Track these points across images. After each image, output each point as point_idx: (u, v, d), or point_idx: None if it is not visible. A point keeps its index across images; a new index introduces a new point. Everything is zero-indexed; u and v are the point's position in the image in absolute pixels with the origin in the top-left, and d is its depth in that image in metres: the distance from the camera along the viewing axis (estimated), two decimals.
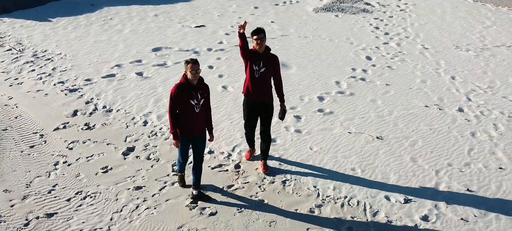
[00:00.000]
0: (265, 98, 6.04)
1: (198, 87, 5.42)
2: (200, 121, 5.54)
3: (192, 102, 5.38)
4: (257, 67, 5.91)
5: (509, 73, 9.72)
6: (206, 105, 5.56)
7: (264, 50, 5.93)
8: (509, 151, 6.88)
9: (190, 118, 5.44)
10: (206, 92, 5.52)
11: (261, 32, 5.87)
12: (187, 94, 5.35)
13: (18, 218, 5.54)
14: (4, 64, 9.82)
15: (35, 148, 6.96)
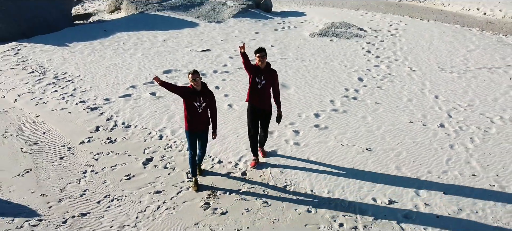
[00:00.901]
0: (265, 106, 7.22)
1: (202, 93, 6.62)
2: (202, 119, 6.72)
3: (196, 104, 6.60)
4: (259, 79, 7.07)
5: (487, 93, 10.71)
6: (210, 107, 6.74)
7: (265, 66, 7.06)
8: (482, 161, 7.82)
9: (194, 116, 6.65)
10: (208, 98, 6.69)
11: (262, 50, 7.04)
12: (192, 97, 6.56)
13: (57, 217, 6.43)
14: (28, 86, 10.79)
15: (65, 159, 7.88)
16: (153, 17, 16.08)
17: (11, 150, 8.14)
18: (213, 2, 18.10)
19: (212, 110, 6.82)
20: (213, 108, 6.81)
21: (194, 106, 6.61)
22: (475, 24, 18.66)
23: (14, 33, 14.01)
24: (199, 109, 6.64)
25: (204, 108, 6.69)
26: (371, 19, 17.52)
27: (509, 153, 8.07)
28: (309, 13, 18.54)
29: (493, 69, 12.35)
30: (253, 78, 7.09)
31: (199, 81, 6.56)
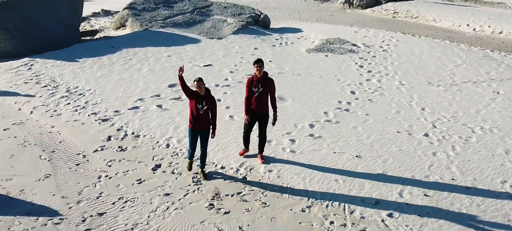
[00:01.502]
0: (262, 110, 8.19)
1: (205, 97, 7.68)
2: (203, 120, 7.75)
3: (198, 106, 7.64)
4: (256, 89, 8.09)
5: (471, 105, 11.51)
6: (211, 110, 7.75)
7: (262, 75, 8.06)
8: (461, 167, 8.58)
9: (196, 116, 7.69)
10: (210, 102, 7.73)
11: (259, 61, 8.09)
12: (197, 99, 7.63)
13: (76, 216, 7.16)
14: (42, 99, 11.57)
15: (80, 166, 8.63)
16: (157, 33, 16.92)
17: (31, 157, 8.89)
18: (214, 19, 18.96)
19: (213, 113, 7.84)
20: (213, 111, 7.83)
21: (197, 108, 7.70)
22: (465, 39, 19.56)
23: (26, 50, 14.83)
24: (201, 111, 7.72)
25: (205, 111, 7.74)
26: (364, 35, 18.38)
27: (486, 159, 8.84)
28: (306, 30, 19.41)
29: (477, 83, 13.17)
30: (250, 89, 8.14)
31: (202, 87, 7.65)
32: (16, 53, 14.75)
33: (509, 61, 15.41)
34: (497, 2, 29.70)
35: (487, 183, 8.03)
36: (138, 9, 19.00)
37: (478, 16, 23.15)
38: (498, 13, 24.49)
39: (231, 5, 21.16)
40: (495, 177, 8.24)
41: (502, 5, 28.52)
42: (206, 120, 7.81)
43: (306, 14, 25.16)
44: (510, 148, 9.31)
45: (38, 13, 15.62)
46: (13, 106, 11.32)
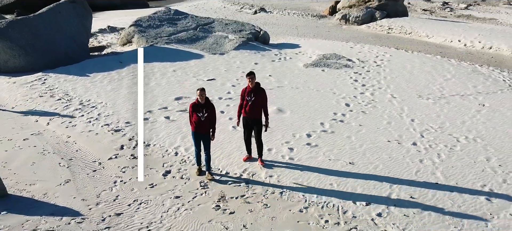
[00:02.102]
0: (254, 116, 9.19)
1: (204, 106, 8.69)
2: (205, 125, 8.79)
3: (199, 114, 8.64)
4: (249, 97, 9.12)
5: (457, 117, 12.34)
6: (210, 116, 8.76)
7: (254, 86, 9.08)
8: (445, 172, 9.38)
9: (198, 122, 8.77)
10: (209, 109, 8.76)
11: (251, 73, 9.15)
12: (196, 109, 8.69)
13: (97, 216, 7.94)
14: (57, 111, 12.38)
15: (97, 172, 9.42)
16: (163, 49, 17.80)
17: (50, 165, 9.68)
18: (216, 36, 19.86)
19: (212, 119, 8.88)
20: (213, 117, 8.87)
21: (198, 117, 8.74)
22: (456, 55, 20.45)
23: (39, 65, 15.68)
24: (202, 118, 8.76)
25: (206, 118, 8.76)
26: (359, 50, 19.28)
27: (468, 166, 9.65)
28: (304, 45, 20.31)
29: (465, 96, 14.02)
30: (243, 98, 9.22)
31: (203, 96, 8.68)
32: (29, 68, 15.60)
33: (496, 76, 16.28)
34: (489, 18, 30.71)
35: (468, 187, 8.83)
36: (144, 26, 19.90)
37: (470, 32, 24.08)
38: (489, 29, 25.43)
39: (232, 22, 22.08)
40: (475, 181, 9.04)
41: (494, 21, 29.53)
42: (207, 125, 8.84)
43: (304, 30, 26.09)
44: (491, 155, 10.13)
45: (49, 30, 16.50)
46: (30, 118, 12.13)
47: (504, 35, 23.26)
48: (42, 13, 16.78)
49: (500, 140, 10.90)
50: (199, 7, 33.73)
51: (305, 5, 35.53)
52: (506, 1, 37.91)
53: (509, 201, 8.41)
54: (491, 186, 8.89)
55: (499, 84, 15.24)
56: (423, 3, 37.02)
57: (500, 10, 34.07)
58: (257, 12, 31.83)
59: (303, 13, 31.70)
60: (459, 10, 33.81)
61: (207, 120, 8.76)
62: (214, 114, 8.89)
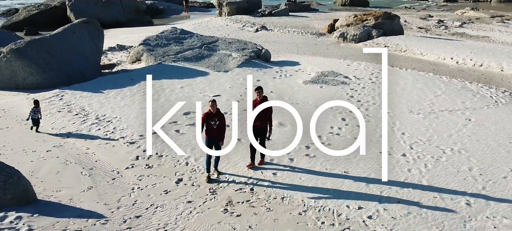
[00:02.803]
0: (261, 125, 10.39)
1: (216, 115, 9.96)
2: (216, 132, 10.11)
3: (212, 122, 9.88)
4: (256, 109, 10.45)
5: (445, 130, 13.36)
6: (221, 124, 10.00)
7: (262, 98, 10.40)
8: (431, 180, 10.37)
9: (210, 130, 10.06)
10: (220, 118, 10.01)
11: (259, 88, 10.51)
12: (209, 118, 9.87)
13: (118, 219, 8.93)
14: (76, 125, 13.42)
15: (116, 180, 10.42)
16: (170, 67, 18.90)
17: (73, 174, 10.69)
18: (220, 54, 20.97)
19: (222, 127, 10.12)
20: (223, 125, 10.12)
21: (210, 125, 10.03)
22: (448, 72, 21.49)
23: (56, 82, 16.76)
24: (214, 126, 10.08)
25: (217, 126, 10.07)
26: (356, 68, 20.36)
27: (452, 174, 10.65)
28: (303, 63, 21.40)
29: (453, 111, 15.06)
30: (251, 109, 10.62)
31: (215, 107, 10.02)
32: (46, 85, 16.67)
33: (484, 92, 17.33)
34: (482, 36, 31.83)
35: (451, 193, 9.82)
36: (152, 45, 21.02)
37: (462, 50, 25.17)
38: (481, 47, 26.53)
39: (235, 41, 23.21)
40: (457, 188, 10.03)
41: (486, 39, 30.63)
42: (218, 132, 10.13)
43: (304, 48, 27.21)
44: (473, 165, 11.13)
45: (64, 50, 17.60)
46: (50, 130, 13.16)
47: (495, 53, 24.33)
48: (57, 33, 17.90)
49: (483, 152, 11.91)
50: (202, 25, 34.93)
51: (304, 23, 36.74)
52: (499, 19, 39.07)
53: (487, 206, 9.40)
54: (471, 192, 9.88)
55: (486, 100, 16.28)
56: (419, 21, 38.20)
57: (493, 28, 35.21)
58: (259, 30, 33.01)
59: (303, 31, 32.88)
60: (454, 28, 34.97)
61: (218, 127, 10.05)
62: (224, 122, 10.17)
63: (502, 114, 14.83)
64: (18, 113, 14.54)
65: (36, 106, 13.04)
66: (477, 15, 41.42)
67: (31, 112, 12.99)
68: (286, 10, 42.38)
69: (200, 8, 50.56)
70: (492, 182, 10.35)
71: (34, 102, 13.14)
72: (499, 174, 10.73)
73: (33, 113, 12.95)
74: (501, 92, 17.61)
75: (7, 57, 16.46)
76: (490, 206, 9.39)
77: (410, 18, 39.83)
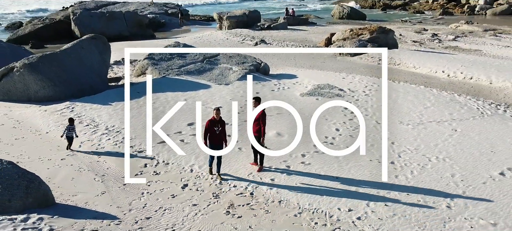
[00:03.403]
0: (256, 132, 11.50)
1: (219, 122, 11.06)
2: (219, 138, 11.27)
3: (215, 128, 10.96)
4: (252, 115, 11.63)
5: (431, 140, 14.29)
6: (223, 131, 11.10)
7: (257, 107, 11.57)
8: (416, 186, 11.29)
9: (213, 136, 11.19)
10: (223, 125, 11.12)
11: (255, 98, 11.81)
12: (213, 124, 10.95)
13: (130, 220, 9.84)
14: (87, 135, 14.36)
15: (127, 185, 11.34)
16: (174, 80, 19.87)
17: (87, 180, 11.61)
18: (221, 67, 21.96)
19: (224, 133, 11.32)
20: (225, 130, 11.27)
21: (214, 131, 11.15)
22: (439, 85, 22.48)
23: (67, 95, 17.72)
24: (217, 131, 11.24)
25: (220, 131, 11.24)
26: (350, 81, 21.35)
27: (435, 180, 11.58)
28: (300, 76, 22.38)
29: (440, 122, 16.01)
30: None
31: (219, 114, 11.24)
32: (57, 97, 17.63)
33: (471, 104, 18.30)
34: (474, 50, 32.89)
35: (433, 197, 10.74)
36: (156, 59, 22.02)
37: (453, 63, 26.18)
38: (472, 60, 27.55)
39: (236, 55, 24.22)
40: (440, 193, 10.96)
41: (478, 52, 31.69)
42: (221, 138, 11.32)
43: (301, 61, 28.22)
44: (456, 172, 12.06)
45: (74, 64, 18.59)
46: (64, 141, 14.08)
47: (485, 66, 25.34)
48: (67, 48, 18.91)
49: (465, 160, 12.84)
50: (203, 39, 36.00)
51: (302, 37, 37.82)
52: (492, 32, 40.19)
53: (465, 208, 10.32)
54: (452, 196, 10.81)
55: (473, 112, 17.24)
56: (414, 35, 39.32)
57: (486, 42, 36.29)
58: (258, 44, 34.06)
59: (300, 44, 33.94)
60: (447, 42, 36.05)
61: (221, 133, 11.25)
62: (225, 127, 11.45)
63: (487, 125, 15.78)
64: (31, 125, 15.49)
65: (70, 124, 13.35)
66: (470, 29, 42.56)
67: (66, 130, 13.35)
68: (284, 24, 43.51)
69: (200, 22, 51.74)
70: (472, 187, 11.28)
71: (69, 121, 13.47)
72: (479, 180, 11.66)
73: (68, 131, 13.28)
74: (487, 104, 18.58)
75: (20, 71, 17.44)
76: (468, 208, 10.32)
77: (405, 31, 40.94)
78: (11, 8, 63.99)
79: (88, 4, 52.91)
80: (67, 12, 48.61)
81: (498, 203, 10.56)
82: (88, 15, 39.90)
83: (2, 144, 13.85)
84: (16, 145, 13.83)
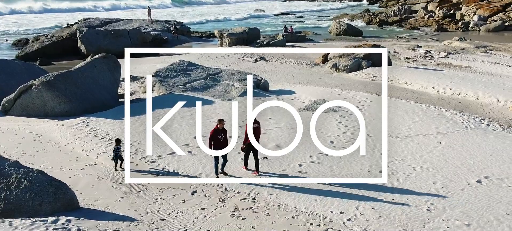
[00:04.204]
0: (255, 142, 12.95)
1: (222, 131, 12.70)
2: (222, 144, 12.99)
3: (219, 137, 12.54)
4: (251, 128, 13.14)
5: (417, 152, 15.65)
6: (225, 139, 12.77)
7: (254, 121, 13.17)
8: (401, 191, 12.62)
9: (217, 143, 12.92)
10: (225, 134, 12.80)
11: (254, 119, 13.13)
12: (217, 133, 12.60)
13: (147, 221, 11.16)
14: (103, 147, 15.70)
15: (142, 191, 12.67)
16: (180, 96, 21.27)
17: (107, 187, 12.94)
18: (224, 84, 23.38)
19: (226, 140, 13.13)
20: (227, 137, 13.17)
21: (218, 138, 12.91)
22: (429, 100, 23.88)
23: (80, 110, 19.10)
24: (221, 139, 12.97)
25: (223, 139, 12.97)
26: (345, 96, 22.76)
27: (419, 187, 12.91)
28: (298, 91, 23.80)
29: (427, 135, 17.39)
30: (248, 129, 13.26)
31: (222, 124, 12.98)
32: (72, 113, 19.00)
33: (457, 119, 19.68)
34: (464, 66, 34.34)
35: (416, 202, 12.08)
36: (163, 76, 23.44)
37: (443, 80, 27.62)
38: (461, 76, 28.99)
39: (237, 72, 25.66)
40: (422, 198, 12.28)
41: (468, 69, 33.14)
42: (224, 144, 13.06)
43: (299, 77, 29.66)
44: (438, 180, 13.40)
45: (87, 82, 20.00)
46: (81, 153, 15.43)
47: (473, 83, 26.78)
48: (81, 67, 20.33)
49: (447, 169, 14.19)
50: (205, 56, 37.48)
51: (300, 54, 39.33)
52: (483, 49, 41.73)
53: (443, 211, 11.65)
54: (432, 201, 12.14)
55: (457, 126, 18.63)
56: (408, 51, 40.84)
57: (476, 58, 37.78)
58: (258, 61, 35.52)
59: (298, 61, 35.43)
60: (439, 58, 37.55)
61: (224, 140, 13.06)
62: (227, 136, 13.27)
63: (469, 137, 17.16)
64: (50, 138, 16.85)
65: (117, 144, 14.18)
66: (462, 46, 44.08)
67: (114, 150, 14.19)
68: (283, 41, 45.05)
69: (202, 38, 53.30)
70: (451, 193, 12.62)
71: (116, 141, 14.26)
72: (458, 187, 13.00)
73: (115, 151, 14.16)
74: (472, 118, 19.97)
75: (39, 88, 18.84)
76: (446, 211, 11.65)
77: (400, 48, 42.45)
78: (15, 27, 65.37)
79: (93, 21, 54.53)
80: (72, 29, 50.22)
81: (473, 206, 11.90)
82: (94, 33, 41.38)
83: (26, 156, 15.18)
84: (38, 157, 15.17)
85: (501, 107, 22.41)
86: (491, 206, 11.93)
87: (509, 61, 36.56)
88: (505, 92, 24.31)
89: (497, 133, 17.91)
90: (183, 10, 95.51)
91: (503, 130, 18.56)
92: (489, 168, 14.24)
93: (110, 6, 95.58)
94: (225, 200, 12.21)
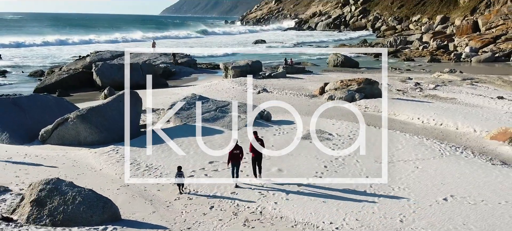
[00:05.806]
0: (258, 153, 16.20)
1: (237, 148, 16.14)
2: (237, 158, 16.45)
3: (235, 152, 15.94)
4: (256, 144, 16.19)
5: (396, 175, 18.57)
6: (241, 153, 16.18)
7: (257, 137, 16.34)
8: (381, 208, 15.53)
9: (233, 157, 16.07)
10: (240, 150, 16.24)
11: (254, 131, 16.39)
12: (234, 150, 16.08)
13: (176, 228, 14.04)
14: (132, 172, 18.67)
15: (169, 207, 15.57)
16: (193, 127, 24.32)
17: (140, 203, 15.87)
18: (231, 115, 26.46)
19: (242, 154, 16.24)
20: (242, 153, 16.35)
21: (234, 153, 16.51)
22: (414, 130, 26.85)
23: (109, 140, 22.12)
24: (237, 154, 15.89)
25: (238, 154, 16.49)
26: (339, 126, 25.80)
27: (395, 204, 15.81)
28: (297, 122, 26.84)
29: (407, 161, 20.36)
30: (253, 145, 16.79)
31: (236, 143, 15.84)
32: (102, 142, 22.01)
33: (435, 147, 22.65)
34: (450, 98, 37.43)
35: (391, 216, 14.97)
36: (178, 108, 26.53)
37: (428, 111, 30.67)
38: (445, 108, 32.03)
39: (243, 104, 28.77)
40: (396, 212, 15.18)
41: (453, 101, 36.20)
42: (239, 158, 16.67)
43: (298, 108, 32.69)
44: (411, 198, 16.30)
45: (114, 115, 23.07)
46: (115, 175, 18.38)
47: (454, 114, 29.82)
48: (109, 102, 23.44)
49: (420, 190, 17.12)
50: (212, 88, 40.68)
51: (299, 85, 42.52)
52: (469, 81, 44.92)
53: (413, 222, 14.53)
54: (405, 214, 15.05)
55: (434, 153, 21.60)
56: (399, 84, 44.02)
57: (462, 90, 40.88)
58: (260, 92, 38.68)
59: (297, 93, 38.58)
60: (428, 90, 40.70)
61: (238, 155, 16.70)
62: (242, 151, 16.92)
63: (443, 163, 20.12)
64: (87, 164, 19.84)
65: (179, 171, 16.51)
66: (450, 78, 47.27)
67: (176, 176, 16.49)
68: (283, 73, 48.32)
69: (207, 70, 56.68)
70: (421, 208, 15.52)
71: (178, 169, 16.62)
72: (427, 203, 15.91)
73: (178, 177, 16.49)
74: (449, 146, 22.92)
75: (74, 121, 21.91)
76: (415, 222, 14.55)
77: (392, 80, 45.67)
78: (25, 59, 68.78)
79: (104, 54, 57.96)
80: (85, 62, 53.66)
81: (437, 218, 14.81)
82: (109, 66, 44.65)
83: (68, 179, 18.04)
84: (79, 179, 18.12)
85: (476, 137, 25.39)
86: (452, 218, 14.83)
87: (492, 93, 39.69)
88: (482, 123, 27.33)
89: (468, 159, 20.85)
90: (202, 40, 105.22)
91: (474, 156, 21.47)
92: (456, 188, 17.17)
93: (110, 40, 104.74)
94: (237, 213, 15.12)
